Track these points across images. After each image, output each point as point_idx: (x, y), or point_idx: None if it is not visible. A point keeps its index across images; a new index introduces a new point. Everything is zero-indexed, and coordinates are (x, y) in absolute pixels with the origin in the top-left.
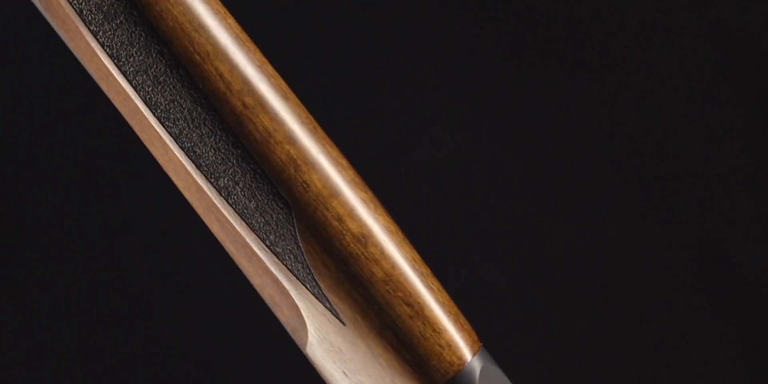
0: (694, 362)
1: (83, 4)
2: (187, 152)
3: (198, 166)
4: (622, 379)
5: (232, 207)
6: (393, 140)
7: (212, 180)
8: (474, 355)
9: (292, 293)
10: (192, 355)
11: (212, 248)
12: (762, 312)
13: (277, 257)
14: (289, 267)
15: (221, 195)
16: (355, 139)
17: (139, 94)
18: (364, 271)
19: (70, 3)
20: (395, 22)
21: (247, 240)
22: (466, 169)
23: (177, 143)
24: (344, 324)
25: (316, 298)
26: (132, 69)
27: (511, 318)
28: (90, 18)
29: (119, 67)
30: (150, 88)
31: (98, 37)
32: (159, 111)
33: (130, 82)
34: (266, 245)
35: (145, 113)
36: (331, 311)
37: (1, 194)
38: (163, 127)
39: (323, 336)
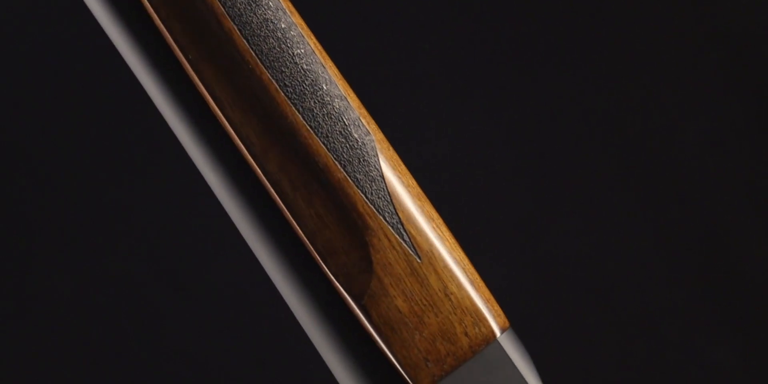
0: (694, 362)
1: None
2: (274, 74)
3: (283, 87)
4: (621, 379)
5: (314, 131)
6: (396, 137)
7: (297, 101)
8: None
9: (362, 228)
10: (193, 354)
11: (213, 247)
12: (762, 312)
13: (357, 185)
14: (369, 197)
15: (305, 118)
16: None
17: (229, 14)
18: (432, 210)
19: None
20: (397, 21)
21: (322, 170)
22: (466, 168)
23: (263, 63)
24: (420, 258)
25: (393, 229)
26: None
27: (509, 316)
28: None
29: None
30: (244, 8)
31: None
32: (248, 30)
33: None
34: (346, 172)
35: (236, 36)
36: (408, 245)
37: (2, 194)
38: (251, 45)
39: (389, 279)
